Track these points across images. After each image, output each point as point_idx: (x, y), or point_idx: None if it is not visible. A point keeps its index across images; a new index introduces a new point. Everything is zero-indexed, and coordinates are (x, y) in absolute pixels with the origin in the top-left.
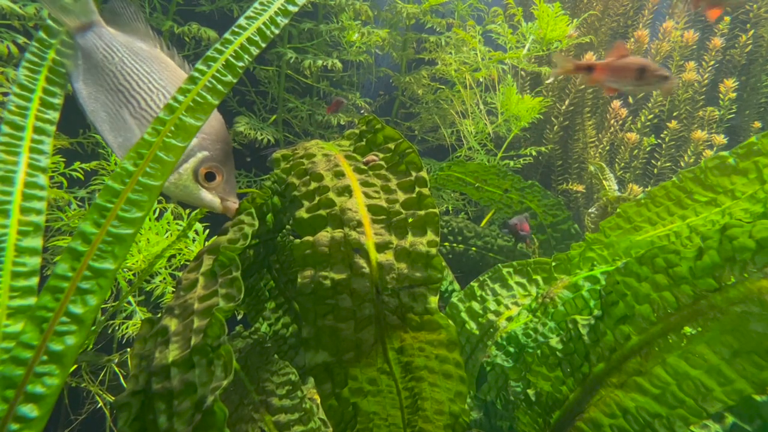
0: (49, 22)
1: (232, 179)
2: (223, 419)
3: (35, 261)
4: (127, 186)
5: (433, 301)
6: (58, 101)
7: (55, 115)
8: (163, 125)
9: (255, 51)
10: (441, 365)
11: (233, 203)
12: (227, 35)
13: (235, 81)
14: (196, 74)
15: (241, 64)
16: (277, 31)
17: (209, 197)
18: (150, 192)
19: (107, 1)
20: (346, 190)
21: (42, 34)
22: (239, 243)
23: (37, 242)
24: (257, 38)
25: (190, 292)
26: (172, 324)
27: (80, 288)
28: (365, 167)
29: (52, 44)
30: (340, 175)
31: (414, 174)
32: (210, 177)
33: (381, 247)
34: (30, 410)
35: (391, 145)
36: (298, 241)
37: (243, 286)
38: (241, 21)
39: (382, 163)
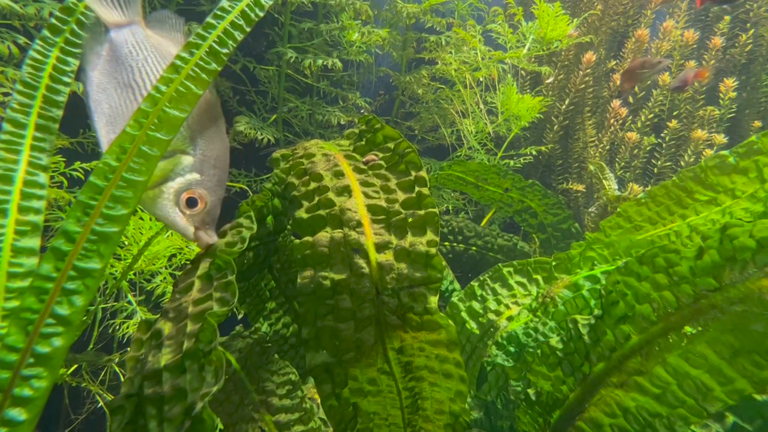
0: (53, 20)
1: (215, 210)
2: (212, 426)
3: (32, 262)
4: (111, 182)
5: (433, 300)
6: (62, 99)
7: (58, 113)
8: (146, 118)
9: (239, 36)
10: (441, 365)
11: (207, 237)
12: (209, 19)
13: (220, 69)
14: (179, 62)
15: (225, 50)
16: (261, 14)
17: (182, 223)
18: (135, 188)
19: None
20: (346, 190)
21: (46, 32)
22: (236, 247)
23: (34, 242)
24: (241, 22)
25: (185, 295)
26: (166, 327)
27: (66, 288)
28: (365, 167)
29: (57, 42)
30: (339, 174)
31: (414, 173)
32: (192, 203)
33: (380, 247)
34: (18, 414)
35: (391, 145)
36: (297, 241)
37: (237, 290)
38: (224, 3)
39: (382, 162)
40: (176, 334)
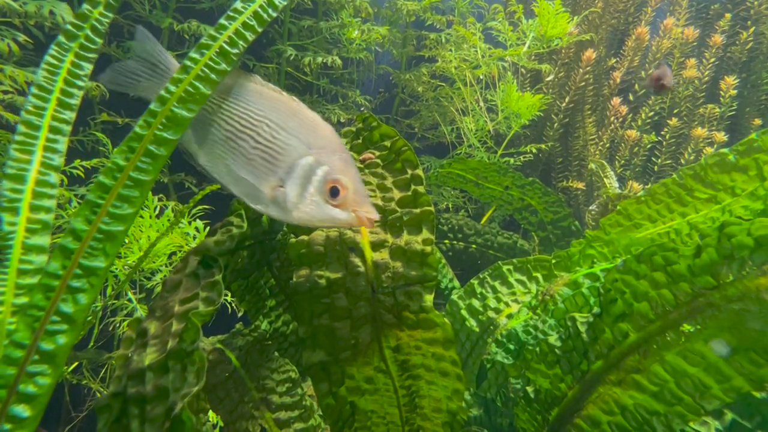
0: (69, 27)
1: (360, 187)
2: (192, 427)
3: (42, 259)
4: (118, 181)
5: (429, 299)
6: (75, 102)
7: (71, 116)
8: (155, 117)
9: (251, 36)
10: (437, 363)
11: (367, 213)
12: (222, 20)
13: (229, 69)
14: (189, 63)
15: (235, 51)
16: (274, 14)
17: (343, 215)
18: (141, 187)
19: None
20: None
21: (62, 38)
22: (225, 245)
23: (44, 240)
24: (253, 22)
25: (172, 294)
26: (152, 326)
27: (71, 286)
28: (361, 165)
29: (71, 48)
30: None
31: (410, 172)
32: (335, 192)
33: (376, 246)
34: (22, 410)
35: (387, 143)
36: (293, 240)
37: (223, 289)
38: (237, 5)
39: (378, 161)
40: (161, 333)
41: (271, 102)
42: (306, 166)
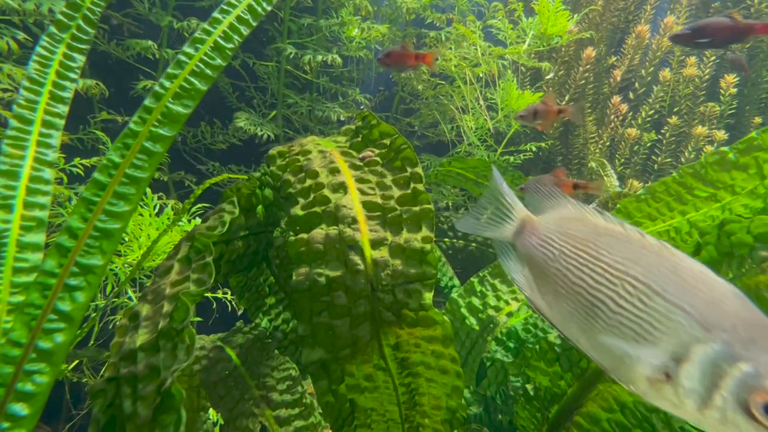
0: (59, 16)
1: None
2: (181, 401)
3: (37, 257)
4: (114, 178)
5: (428, 297)
6: (68, 95)
7: (64, 109)
8: (150, 114)
9: (245, 30)
10: (437, 361)
11: None
12: (215, 14)
13: (224, 64)
14: (183, 58)
15: (230, 45)
16: (268, 8)
17: None
18: (137, 184)
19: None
20: (342, 187)
21: (53, 29)
22: (216, 230)
23: (39, 238)
24: (248, 16)
25: (164, 278)
26: (144, 309)
27: (68, 284)
28: (361, 163)
29: (63, 39)
30: (335, 171)
31: (409, 170)
32: None
33: (376, 244)
34: (20, 408)
35: (387, 141)
36: (293, 238)
37: (214, 271)
38: None
39: (378, 159)
40: (153, 315)
41: (632, 251)
42: (707, 361)
